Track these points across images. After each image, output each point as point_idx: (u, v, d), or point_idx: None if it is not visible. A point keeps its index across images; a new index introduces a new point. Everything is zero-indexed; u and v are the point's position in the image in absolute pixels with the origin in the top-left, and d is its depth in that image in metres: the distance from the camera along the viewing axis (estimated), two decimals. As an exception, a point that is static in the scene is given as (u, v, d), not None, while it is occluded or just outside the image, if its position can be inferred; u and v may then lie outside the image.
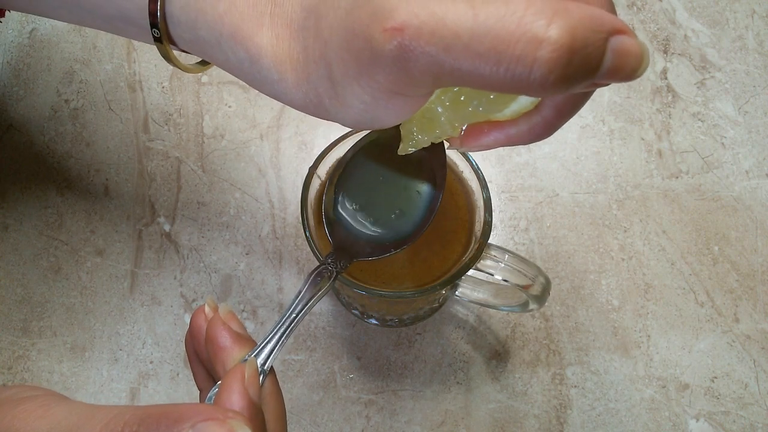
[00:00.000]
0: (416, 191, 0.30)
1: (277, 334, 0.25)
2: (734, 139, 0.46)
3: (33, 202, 0.44)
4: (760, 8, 0.50)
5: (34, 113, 0.47)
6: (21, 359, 0.41)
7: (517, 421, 0.39)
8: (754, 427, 0.39)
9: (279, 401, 0.25)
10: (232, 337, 0.25)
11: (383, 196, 0.31)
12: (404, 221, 0.30)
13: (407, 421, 0.39)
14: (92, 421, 0.20)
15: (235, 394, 0.22)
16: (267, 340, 0.25)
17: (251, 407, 0.22)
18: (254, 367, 0.23)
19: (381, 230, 0.30)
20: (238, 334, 0.25)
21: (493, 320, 0.42)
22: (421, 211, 0.30)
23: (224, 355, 0.25)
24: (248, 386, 0.23)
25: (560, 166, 0.45)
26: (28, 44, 0.49)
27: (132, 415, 0.20)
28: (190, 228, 0.44)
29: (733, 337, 0.41)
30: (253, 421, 0.22)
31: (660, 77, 0.48)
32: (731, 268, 0.43)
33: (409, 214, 0.30)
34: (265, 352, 0.25)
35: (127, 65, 0.48)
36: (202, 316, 0.26)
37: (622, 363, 0.41)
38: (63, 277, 0.43)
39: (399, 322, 0.41)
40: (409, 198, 0.30)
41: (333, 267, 0.29)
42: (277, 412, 0.25)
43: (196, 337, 0.26)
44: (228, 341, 0.25)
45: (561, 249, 0.43)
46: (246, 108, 0.47)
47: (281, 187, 0.45)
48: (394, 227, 0.30)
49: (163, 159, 0.46)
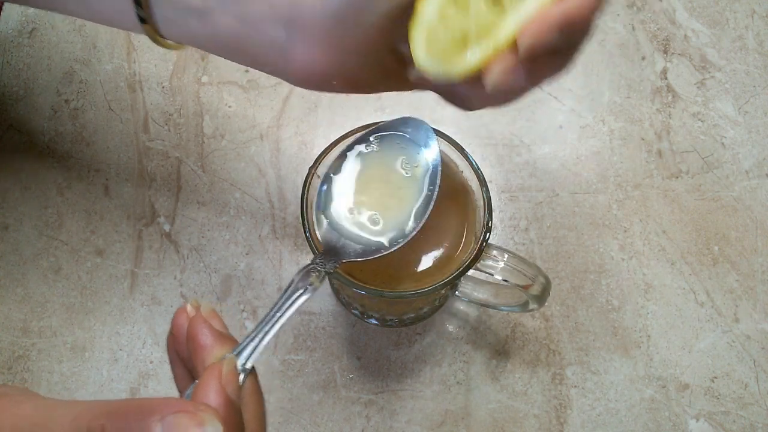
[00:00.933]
0: (409, 192, 0.30)
1: (260, 333, 0.25)
2: (734, 139, 0.46)
3: (33, 202, 0.44)
4: (760, 8, 0.50)
5: (34, 113, 0.47)
6: (21, 359, 0.41)
7: (517, 421, 0.39)
8: (754, 427, 0.39)
9: (259, 402, 0.24)
10: (213, 335, 0.24)
11: (374, 196, 0.30)
12: (396, 222, 0.30)
13: (407, 421, 0.39)
14: (60, 416, 0.20)
15: (211, 390, 0.22)
16: (249, 340, 0.25)
17: (228, 405, 0.22)
18: (233, 365, 0.23)
19: (371, 231, 0.30)
20: (220, 333, 0.25)
21: (493, 320, 0.42)
22: (414, 212, 0.30)
23: (204, 353, 0.24)
24: (226, 384, 0.22)
25: (560, 166, 0.45)
26: (28, 44, 0.49)
27: (100, 409, 0.19)
28: (190, 228, 0.44)
29: (733, 337, 0.41)
30: (230, 419, 0.21)
31: (660, 77, 0.48)
32: (731, 268, 0.43)
33: (402, 215, 0.30)
34: (247, 351, 0.24)
35: (127, 65, 0.48)
36: (183, 316, 0.26)
37: (622, 363, 0.41)
38: (63, 277, 0.43)
39: (399, 322, 0.41)
40: (402, 199, 0.30)
41: (321, 268, 0.28)
42: (257, 413, 0.24)
43: (177, 336, 0.26)
44: (209, 339, 0.24)
45: (561, 249, 0.43)
46: (246, 108, 0.47)
47: (281, 187, 0.45)
48: (385, 228, 0.30)
49: (163, 159, 0.46)
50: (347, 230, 0.30)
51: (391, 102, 0.47)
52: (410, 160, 0.31)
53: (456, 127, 0.46)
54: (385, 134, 0.32)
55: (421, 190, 0.30)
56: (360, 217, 0.30)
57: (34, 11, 0.50)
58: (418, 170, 0.31)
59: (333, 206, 0.31)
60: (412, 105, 0.47)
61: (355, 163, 0.31)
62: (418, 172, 0.31)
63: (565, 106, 0.47)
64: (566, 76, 0.48)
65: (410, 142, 0.31)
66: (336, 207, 0.30)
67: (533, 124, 0.46)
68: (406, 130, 0.31)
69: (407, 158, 0.31)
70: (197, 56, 0.48)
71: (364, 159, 0.31)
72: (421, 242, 0.34)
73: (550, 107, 0.47)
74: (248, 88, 0.47)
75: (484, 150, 0.46)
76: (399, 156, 0.31)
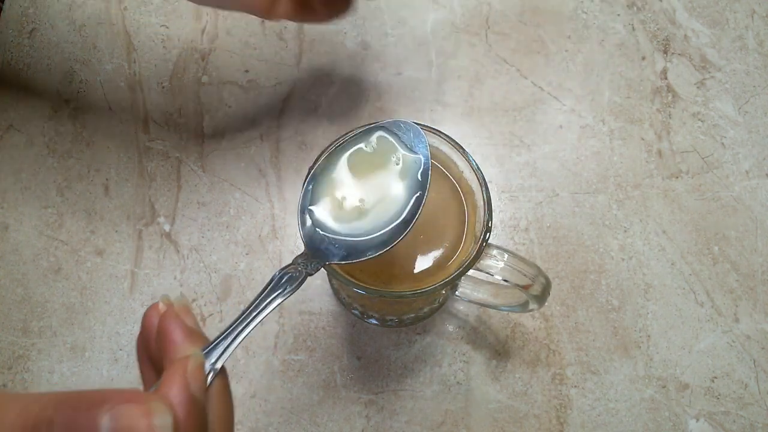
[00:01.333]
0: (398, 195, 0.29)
1: (232, 334, 0.24)
2: (734, 139, 0.46)
3: (33, 202, 0.44)
4: (760, 8, 0.50)
5: (34, 113, 0.47)
6: (21, 359, 0.41)
7: (517, 421, 0.39)
8: (754, 427, 0.39)
9: (226, 403, 0.24)
10: (184, 332, 0.23)
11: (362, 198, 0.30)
12: (384, 225, 0.29)
13: (407, 421, 0.39)
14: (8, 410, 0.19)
15: (174, 385, 0.21)
16: (221, 339, 0.24)
17: (190, 402, 0.21)
18: (199, 362, 0.22)
19: (357, 234, 0.29)
20: (191, 329, 0.24)
21: (493, 320, 0.42)
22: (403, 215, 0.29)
23: (174, 349, 0.23)
24: (191, 380, 0.21)
25: (560, 166, 0.45)
26: (28, 44, 0.49)
27: (49, 400, 0.19)
28: (190, 228, 0.44)
29: (733, 337, 0.41)
30: (191, 417, 0.21)
31: (660, 77, 0.48)
32: (731, 268, 0.43)
33: (390, 218, 0.29)
34: (218, 350, 0.23)
35: (127, 65, 0.48)
36: (155, 313, 0.25)
37: (622, 363, 0.41)
38: (63, 277, 0.43)
39: (399, 322, 0.41)
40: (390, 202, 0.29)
41: (303, 268, 0.27)
42: (223, 415, 0.23)
43: (147, 333, 0.25)
44: (179, 335, 0.23)
45: (561, 249, 0.43)
46: (246, 108, 0.47)
47: (281, 187, 0.45)
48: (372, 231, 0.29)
49: (163, 159, 0.46)
50: (332, 231, 0.29)
51: (390, 102, 0.47)
52: (399, 163, 0.30)
53: (456, 127, 0.46)
54: (374, 135, 0.31)
55: (410, 194, 0.29)
56: (346, 219, 0.29)
57: (34, 11, 0.50)
58: (408, 173, 0.30)
59: (318, 206, 0.29)
60: (412, 106, 0.47)
61: (343, 163, 0.31)
62: (407, 175, 0.30)
63: (565, 106, 0.47)
64: (566, 76, 0.48)
65: (400, 143, 0.31)
66: (321, 207, 0.29)
67: (533, 124, 0.47)
68: (396, 132, 0.31)
69: (396, 160, 0.30)
70: (197, 56, 0.48)
71: (353, 159, 0.31)
72: (420, 242, 0.34)
73: (550, 107, 0.47)
74: (248, 88, 0.47)
75: (484, 150, 0.46)
76: (389, 158, 0.30)
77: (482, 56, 0.49)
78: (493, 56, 0.49)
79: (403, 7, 0.50)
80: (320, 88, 0.47)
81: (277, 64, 0.48)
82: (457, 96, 0.47)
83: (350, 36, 0.49)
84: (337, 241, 0.29)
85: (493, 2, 0.50)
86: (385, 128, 0.31)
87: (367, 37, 0.49)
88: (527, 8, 0.50)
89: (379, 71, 0.48)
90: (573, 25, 0.50)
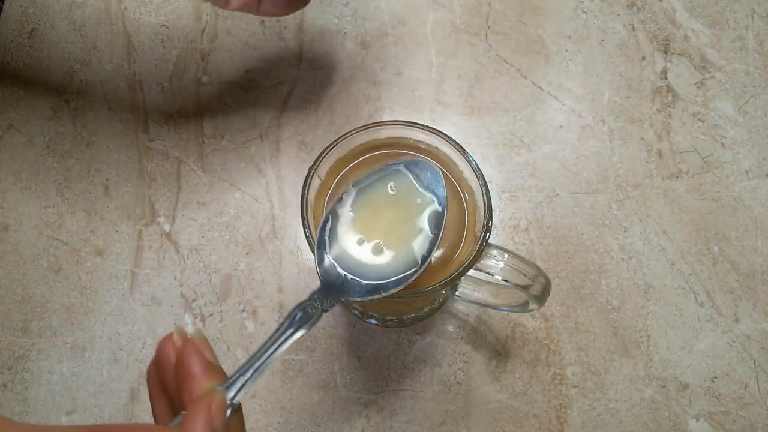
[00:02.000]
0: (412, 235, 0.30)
1: (251, 369, 0.25)
2: (734, 139, 0.46)
3: (33, 202, 0.44)
4: (760, 8, 0.50)
5: (34, 113, 0.47)
6: (21, 359, 0.41)
7: (517, 421, 0.39)
8: (754, 427, 0.39)
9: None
10: (204, 366, 0.24)
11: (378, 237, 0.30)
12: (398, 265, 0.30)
13: (407, 421, 0.39)
14: None
15: (199, 423, 0.21)
16: (239, 374, 0.24)
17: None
18: (222, 399, 0.23)
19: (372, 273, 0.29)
20: (210, 363, 0.24)
21: (493, 320, 0.42)
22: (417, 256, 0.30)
23: (193, 383, 0.23)
24: (214, 417, 0.22)
25: (560, 166, 0.45)
26: (28, 44, 0.49)
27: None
28: (190, 228, 0.44)
29: (733, 337, 0.41)
30: None
31: (660, 77, 0.48)
32: (731, 268, 0.43)
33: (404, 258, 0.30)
34: (236, 386, 0.24)
35: (127, 65, 0.48)
36: (170, 344, 0.25)
37: (622, 363, 0.41)
38: (63, 277, 0.43)
39: (399, 322, 0.41)
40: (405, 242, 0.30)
41: (318, 304, 0.27)
42: None
43: (162, 365, 0.25)
44: (199, 369, 0.24)
45: (561, 249, 0.43)
46: (246, 108, 0.47)
47: (281, 187, 0.45)
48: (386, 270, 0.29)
49: (163, 159, 0.46)
50: (349, 270, 0.29)
51: (390, 103, 0.47)
52: (419, 204, 0.31)
53: (456, 127, 0.46)
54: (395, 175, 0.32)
55: (426, 235, 0.30)
56: (364, 258, 0.30)
57: (34, 11, 0.50)
58: (424, 213, 0.31)
59: (336, 244, 0.30)
60: (412, 106, 0.47)
61: (361, 201, 0.31)
62: (424, 215, 0.31)
63: (565, 106, 0.47)
64: (566, 76, 0.48)
65: (418, 181, 0.32)
66: (339, 245, 0.30)
67: (533, 124, 0.47)
68: (415, 170, 0.32)
69: (417, 203, 0.31)
70: (197, 56, 0.48)
71: (371, 198, 0.31)
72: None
73: (550, 107, 0.47)
74: (248, 88, 0.47)
75: (484, 150, 0.46)
76: (409, 200, 0.31)
77: (482, 56, 0.49)
78: (493, 56, 0.49)
79: (403, 7, 0.50)
80: (320, 88, 0.47)
81: (277, 64, 0.48)
82: (457, 96, 0.47)
83: (350, 36, 0.49)
84: (355, 279, 0.29)
85: (493, 2, 0.50)
86: (405, 166, 0.32)
87: (367, 37, 0.49)
88: (527, 8, 0.50)
89: (379, 71, 0.48)
90: (573, 25, 0.50)
